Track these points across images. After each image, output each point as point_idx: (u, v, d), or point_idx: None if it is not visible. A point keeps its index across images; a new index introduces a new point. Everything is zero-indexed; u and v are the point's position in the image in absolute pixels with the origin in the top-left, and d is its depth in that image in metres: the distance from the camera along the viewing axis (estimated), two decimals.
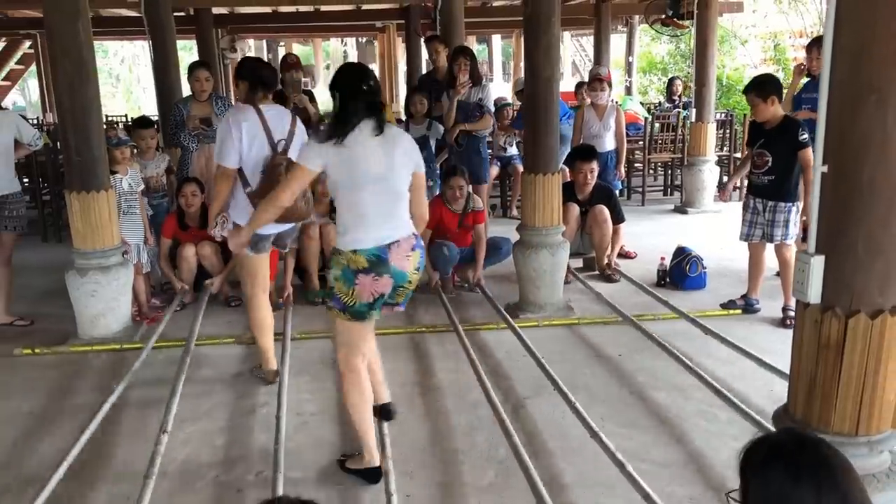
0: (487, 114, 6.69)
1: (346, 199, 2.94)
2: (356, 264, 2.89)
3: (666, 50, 16.82)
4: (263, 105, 3.81)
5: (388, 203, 2.95)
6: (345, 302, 2.94)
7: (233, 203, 3.79)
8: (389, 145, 2.94)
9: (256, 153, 3.71)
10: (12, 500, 3.03)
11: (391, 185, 2.95)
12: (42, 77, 15.28)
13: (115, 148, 5.03)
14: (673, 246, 5.91)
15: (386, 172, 2.93)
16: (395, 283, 2.96)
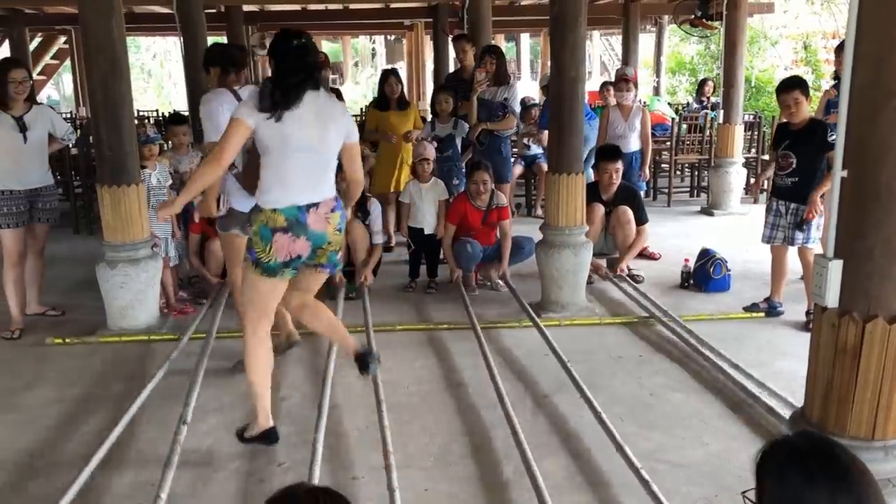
0: (511, 114, 6.71)
1: (274, 162, 3.03)
2: (274, 222, 2.99)
3: (695, 50, 16.70)
4: (237, 87, 3.89)
5: (315, 170, 3.06)
6: (259, 257, 3.04)
7: (224, 188, 3.85)
8: (324, 117, 3.03)
9: None
10: (43, 486, 3.12)
11: (320, 155, 3.06)
12: (76, 72, 15.54)
13: (143, 146, 5.12)
14: (698, 248, 5.89)
15: (317, 144, 3.02)
16: (314, 244, 3.06)
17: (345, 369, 4.22)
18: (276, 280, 3.11)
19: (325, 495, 1.38)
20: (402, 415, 3.67)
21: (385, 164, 6.72)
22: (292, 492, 1.39)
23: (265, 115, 2.94)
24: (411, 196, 5.89)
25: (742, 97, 8.61)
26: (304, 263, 3.14)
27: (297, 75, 2.97)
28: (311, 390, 3.94)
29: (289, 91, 2.96)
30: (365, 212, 5.60)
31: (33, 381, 4.20)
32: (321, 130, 3.02)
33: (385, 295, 5.60)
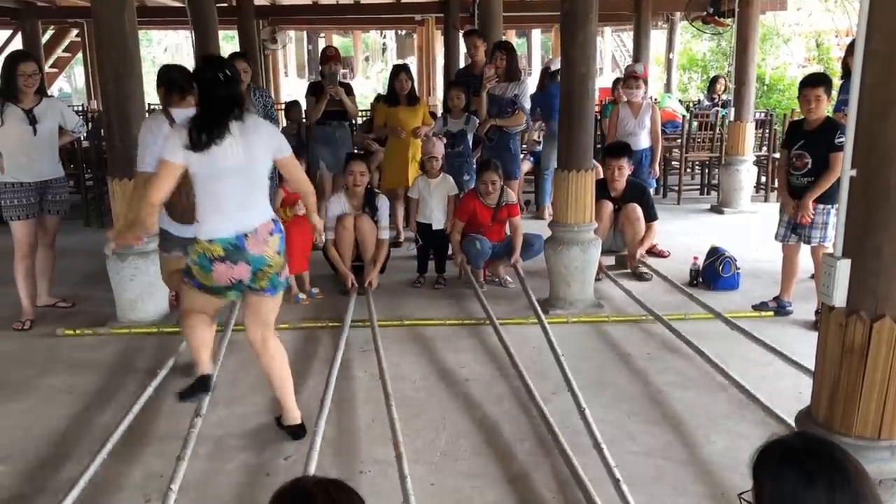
0: (521, 110, 6.70)
1: (205, 189, 3.06)
2: (212, 252, 3.03)
3: (707, 47, 16.62)
4: (179, 108, 3.92)
5: (246, 192, 3.07)
6: (201, 283, 3.09)
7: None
8: (249, 138, 3.04)
9: None
10: (54, 476, 3.15)
11: (250, 175, 3.08)
12: (88, 65, 15.59)
13: None
14: (707, 246, 5.88)
15: (246, 164, 3.04)
16: (254, 268, 3.08)
17: (351, 364, 4.25)
18: (215, 296, 3.19)
19: (334, 487, 1.40)
20: (408, 410, 3.68)
21: (394, 160, 6.72)
22: (302, 483, 1.41)
23: (192, 151, 2.97)
24: (420, 191, 5.90)
25: (753, 95, 8.57)
26: (248, 287, 3.15)
27: (223, 108, 3.01)
28: (317, 384, 3.96)
29: (214, 126, 2.99)
30: (373, 207, 5.61)
31: (44, 371, 4.23)
32: (247, 151, 3.03)
33: (393, 290, 5.61)
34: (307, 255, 5.56)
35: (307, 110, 6.87)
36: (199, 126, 3.00)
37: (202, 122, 3.01)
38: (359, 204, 5.61)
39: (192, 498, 2.95)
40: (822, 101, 4.65)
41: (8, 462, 3.26)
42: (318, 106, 6.50)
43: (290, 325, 4.87)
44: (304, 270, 5.54)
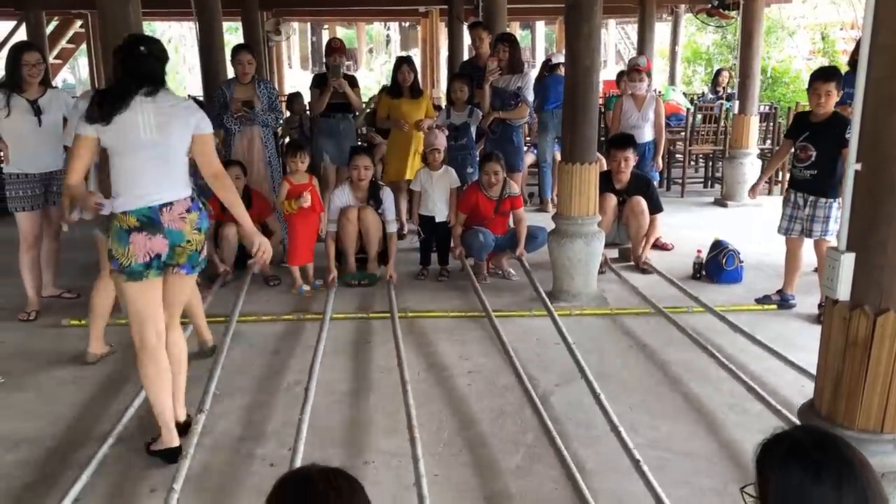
0: (524, 103, 6.69)
1: (119, 163, 3.05)
2: (127, 224, 3.01)
3: (711, 40, 16.58)
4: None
5: (162, 167, 3.05)
6: (121, 262, 3.05)
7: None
8: (164, 114, 3.03)
9: None
10: (60, 465, 3.17)
11: (164, 151, 3.05)
12: (92, 56, 15.58)
13: None
14: (710, 239, 5.88)
15: (159, 140, 3.02)
16: (171, 242, 3.06)
17: (354, 356, 4.26)
18: (142, 283, 3.10)
19: (336, 475, 1.41)
20: (412, 401, 3.69)
21: (396, 153, 6.72)
22: (304, 471, 1.42)
23: (97, 122, 2.98)
24: (422, 184, 5.89)
25: (758, 88, 8.55)
26: (165, 264, 3.12)
27: (126, 84, 3.02)
28: (321, 375, 3.97)
29: (116, 98, 2.99)
30: (377, 200, 5.62)
31: (49, 362, 4.25)
32: (161, 127, 3.02)
33: (397, 282, 5.62)
34: (311, 247, 5.58)
35: (311, 102, 6.86)
36: (100, 98, 3.03)
37: (105, 94, 3.06)
38: (363, 197, 5.62)
39: (196, 488, 2.97)
40: (832, 96, 4.64)
41: (14, 451, 3.28)
42: (322, 98, 6.49)
43: (294, 317, 4.89)
44: (308, 262, 5.55)
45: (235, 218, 3.29)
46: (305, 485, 1.38)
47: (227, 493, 2.95)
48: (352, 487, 1.40)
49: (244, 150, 6.00)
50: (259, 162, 6.08)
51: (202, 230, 3.16)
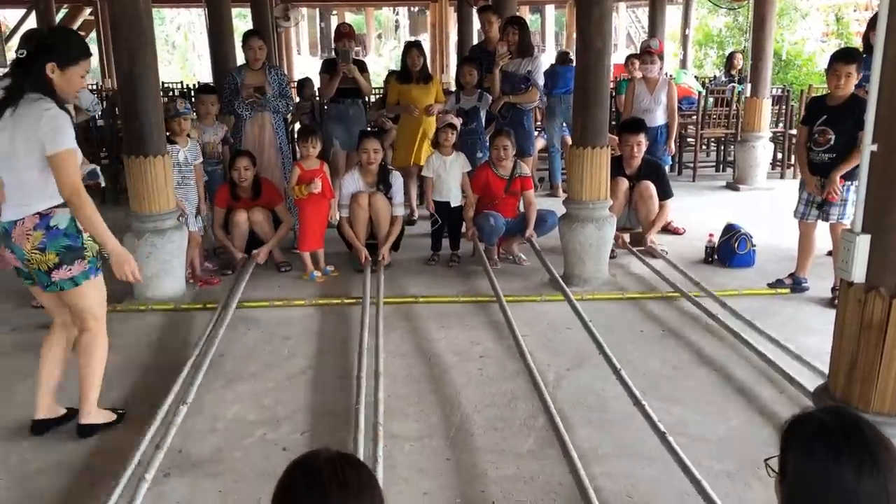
0: (534, 87, 6.65)
1: None
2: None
3: (723, 23, 16.43)
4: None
5: (13, 181, 2.99)
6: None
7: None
8: (16, 126, 2.93)
9: None
10: (70, 448, 3.19)
11: (13, 165, 2.97)
12: (102, 44, 15.61)
13: (173, 119, 5.16)
14: (722, 223, 5.85)
15: (9, 153, 2.95)
16: (18, 257, 3.06)
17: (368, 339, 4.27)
18: (35, 289, 3.22)
19: (343, 462, 1.40)
20: (423, 386, 3.70)
21: (406, 138, 6.71)
22: (311, 458, 1.41)
23: None
24: (435, 170, 5.87)
25: (770, 70, 8.48)
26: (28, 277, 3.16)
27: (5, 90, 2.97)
28: (333, 360, 3.99)
29: None
30: (387, 184, 5.61)
31: None
32: (11, 140, 2.94)
33: (408, 268, 5.63)
34: (322, 233, 5.58)
35: (321, 88, 6.84)
36: None
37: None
38: (373, 181, 5.61)
39: (209, 472, 2.99)
40: (851, 79, 4.57)
41: (31, 436, 3.30)
42: (331, 83, 6.48)
43: (305, 302, 4.90)
44: (319, 248, 5.56)
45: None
46: (312, 473, 1.37)
47: (239, 477, 2.96)
48: (360, 475, 1.39)
49: (255, 137, 6.00)
50: (270, 148, 6.08)
51: (47, 250, 3.01)
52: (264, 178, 5.73)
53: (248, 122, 6.00)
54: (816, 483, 1.40)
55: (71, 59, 3.00)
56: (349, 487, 1.34)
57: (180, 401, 3.37)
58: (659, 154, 6.70)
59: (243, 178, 5.44)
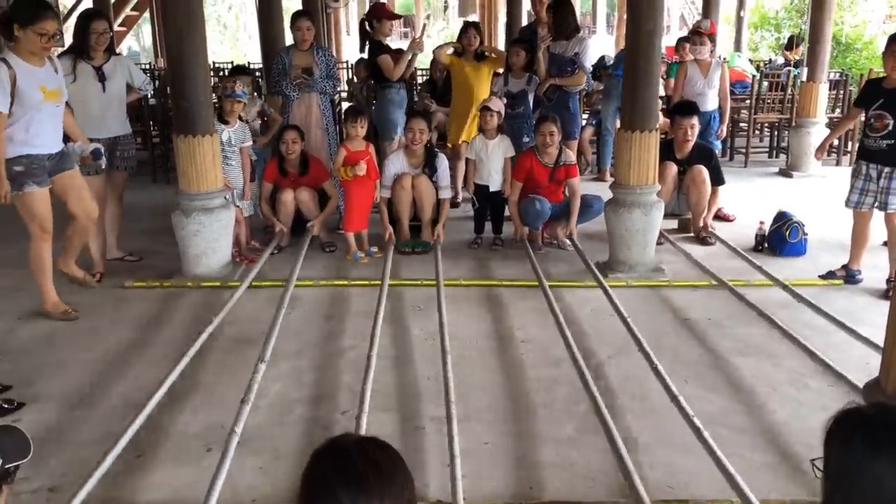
0: (581, 69, 6.54)
1: None
2: None
3: (780, 4, 15.98)
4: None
5: None
6: None
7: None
8: None
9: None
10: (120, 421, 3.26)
11: None
12: (155, 23, 15.82)
13: (226, 99, 5.22)
14: (774, 210, 5.71)
15: None
16: None
17: (407, 322, 4.28)
18: None
19: (373, 445, 1.40)
20: (465, 369, 3.70)
21: (458, 116, 6.68)
22: (341, 441, 1.41)
23: None
24: (477, 152, 5.83)
25: (828, 54, 8.22)
26: None
27: None
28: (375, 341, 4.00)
29: None
30: (432, 167, 5.60)
31: (113, 322, 4.38)
32: None
33: (450, 250, 5.62)
34: (367, 215, 5.61)
35: (387, 69, 6.61)
36: None
37: None
38: (418, 163, 5.60)
39: (251, 449, 3.03)
40: None
41: (78, 408, 3.39)
42: (399, 66, 6.37)
43: (347, 282, 4.93)
44: (363, 229, 5.58)
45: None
46: (341, 456, 1.36)
47: (280, 454, 3.00)
48: (390, 457, 1.38)
49: (302, 117, 6.03)
50: (316, 128, 6.10)
51: None
52: (311, 155, 5.77)
53: (296, 103, 6.02)
54: (855, 477, 1.36)
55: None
56: (382, 470, 1.34)
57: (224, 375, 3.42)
58: (710, 139, 6.56)
59: (291, 150, 5.49)
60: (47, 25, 3.94)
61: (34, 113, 4.03)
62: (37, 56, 4.03)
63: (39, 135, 4.09)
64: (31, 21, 3.91)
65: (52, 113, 4.14)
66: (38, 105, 4.03)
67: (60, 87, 4.20)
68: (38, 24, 3.91)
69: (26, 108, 3.99)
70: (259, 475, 2.87)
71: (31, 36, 3.93)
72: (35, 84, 4.00)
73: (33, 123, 4.04)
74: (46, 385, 3.60)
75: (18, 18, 3.93)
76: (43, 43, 3.97)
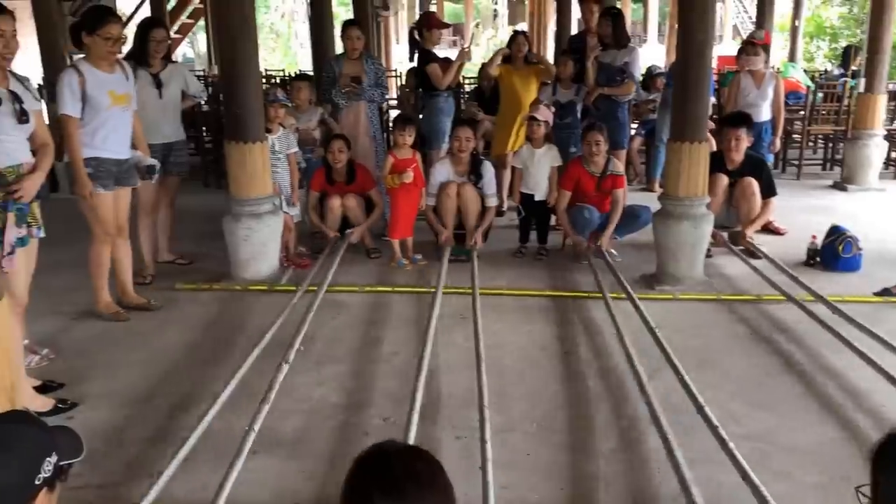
0: (630, 79, 6.49)
1: None
2: None
3: (837, 13, 15.65)
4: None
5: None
6: None
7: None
8: None
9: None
10: (169, 422, 3.33)
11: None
12: (210, 31, 16.16)
13: (270, 105, 5.30)
14: (827, 224, 5.58)
15: None
16: None
17: (451, 330, 4.28)
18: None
19: (413, 454, 1.40)
20: (507, 378, 3.69)
21: (505, 125, 6.68)
22: (381, 449, 1.42)
23: None
24: (523, 161, 5.83)
25: (888, 64, 8.02)
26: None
27: None
28: (416, 348, 4.01)
29: None
30: (478, 174, 5.60)
31: (162, 323, 4.48)
32: None
33: (495, 259, 5.61)
34: (412, 222, 5.63)
35: (435, 77, 6.64)
36: None
37: None
38: (464, 170, 5.62)
39: (293, 453, 3.06)
40: None
41: (131, 407, 3.47)
42: (448, 73, 6.42)
43: (391, 289, 4.96)
44: (408, 237, 5.61)
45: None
46: (381, 464, 1.37)
47: (322, 459, 3.03)
48: (430, 467, 1.39)
49: (350, 125, 6.09)
50: (364, 136, 6.16)
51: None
52: (358, 163, 5.82)
53: (344, 111, 6.09)
54: None
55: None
56: (420, 478, 1.35)
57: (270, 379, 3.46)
58: (762, 151, 6.45)
59: (337, 160, 5.55)
60: (112, 29, 4.10)
61: (103, 117, 4.18)
62: (105, 61, 4.18)
63: (108, 139, 4.23)
64: (97, 26, 4.07)
65: (121, 117, 4.28)
66: (106, 109, 4.17)
67: (129, 93, 4.34)
68: (103, 28, 4.08)
69: (95, 113, 4.14)
70: (302, 479, 2.90)
71: (98, 41, 4.09)
72: (104, 89, 4.15)
73: (102, 128, 4.19)
74: (98, 384, 3.69)
75: (86, 26, 4.11)
76: (109, 47, 4.12)
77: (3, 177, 3.26)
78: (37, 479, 1.52)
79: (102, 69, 4.16)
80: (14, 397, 2.37)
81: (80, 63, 4.15)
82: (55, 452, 1.57)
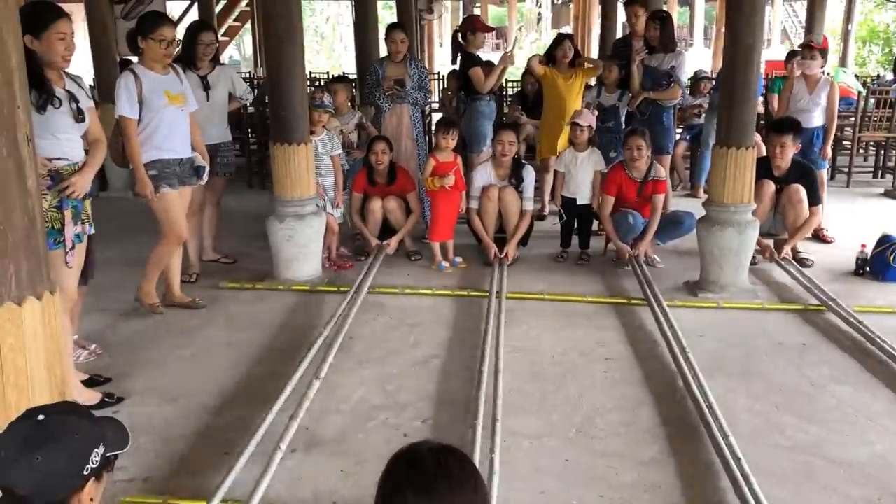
0: (676, 84, 6.41)
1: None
2: None
3: (892, 17, 15.30)
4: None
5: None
6: None
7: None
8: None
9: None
10: (212, 420, 3.38)
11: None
12: (256, 33, 16.38)
13: (314, 109, 5.35)
14: (877, 233, 5.45)
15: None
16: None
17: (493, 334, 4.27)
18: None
19: (446, 453, 1.41)
20: (546, 384, 3.67)
21: (549, 129, 6.63)
22: (416, 448, 1.43)
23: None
24: (566, 165, 5.79)
25: None
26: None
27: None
28: (457, 351, 4.02)
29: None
30: (519, 178, 5.58)
31: (207, 321, 4.54)
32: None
33: (536, 263, 5.59)
34: (452, 225, 5.63)
35: (478, 81, 6.65)
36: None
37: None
38: (505, 174, 5.60)
39: (332, 452, 3.09)
40: None
41: (175, 403, 3.53)
42: (491, 77, 6.42)
43: (432, 292, 4.97)
44: (448, 239, 5.61)
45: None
46: (415, 463, 1.39)
47: (361, 459, 3.04)
48: (463, 466, 1.40)
49: (393, 127, 6.12)
50: (407, 139, 6.19)
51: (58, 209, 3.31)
52: (399, 166, 5.84)
53: (388, 114, 6.13)
54: None
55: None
56: (452, 478, 1.36)
57: (311, 378, 3.49)
58: (813, 158, 6.31)
59: (380, 161, 5.58)
60: (165, 32, 4.24)
61: (162, 117, 4.30)
62: (160, 64, 4.32)
63: (168, 139, 4.35)
64: (152, 30, 4.22)
65: (178, 117, 4.40)
66: (163, 109, 4.30)
67: (184, 93, 4.46)
68: (157, 31, 4.22)
69: (154, 113, 4.27)
70: (341, 479, 2.92)
71: (152, 44, 4.23)
72: (160, 89, 4.28)
73: (161, 128, 4.31)
74: (143, 380, 3.76)
75: (141, 30, 4.27)
76: (162, 49, 4.24)
77: (60, 175, 3.34)
78: (85, 470, 1.56)
79: (157, 71, 4.29)
80: (64, 391, 2.42)
81: (136, 66, 4.30)
82: (103, 444, 1.61)
